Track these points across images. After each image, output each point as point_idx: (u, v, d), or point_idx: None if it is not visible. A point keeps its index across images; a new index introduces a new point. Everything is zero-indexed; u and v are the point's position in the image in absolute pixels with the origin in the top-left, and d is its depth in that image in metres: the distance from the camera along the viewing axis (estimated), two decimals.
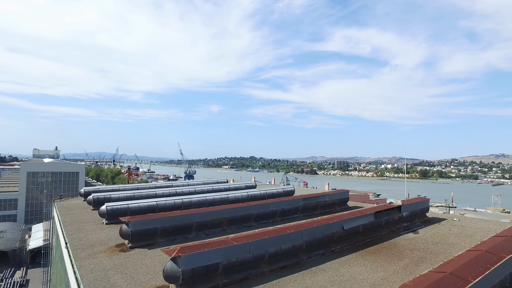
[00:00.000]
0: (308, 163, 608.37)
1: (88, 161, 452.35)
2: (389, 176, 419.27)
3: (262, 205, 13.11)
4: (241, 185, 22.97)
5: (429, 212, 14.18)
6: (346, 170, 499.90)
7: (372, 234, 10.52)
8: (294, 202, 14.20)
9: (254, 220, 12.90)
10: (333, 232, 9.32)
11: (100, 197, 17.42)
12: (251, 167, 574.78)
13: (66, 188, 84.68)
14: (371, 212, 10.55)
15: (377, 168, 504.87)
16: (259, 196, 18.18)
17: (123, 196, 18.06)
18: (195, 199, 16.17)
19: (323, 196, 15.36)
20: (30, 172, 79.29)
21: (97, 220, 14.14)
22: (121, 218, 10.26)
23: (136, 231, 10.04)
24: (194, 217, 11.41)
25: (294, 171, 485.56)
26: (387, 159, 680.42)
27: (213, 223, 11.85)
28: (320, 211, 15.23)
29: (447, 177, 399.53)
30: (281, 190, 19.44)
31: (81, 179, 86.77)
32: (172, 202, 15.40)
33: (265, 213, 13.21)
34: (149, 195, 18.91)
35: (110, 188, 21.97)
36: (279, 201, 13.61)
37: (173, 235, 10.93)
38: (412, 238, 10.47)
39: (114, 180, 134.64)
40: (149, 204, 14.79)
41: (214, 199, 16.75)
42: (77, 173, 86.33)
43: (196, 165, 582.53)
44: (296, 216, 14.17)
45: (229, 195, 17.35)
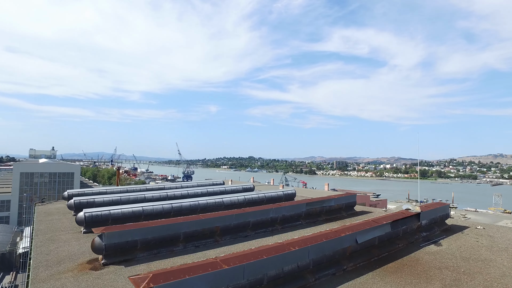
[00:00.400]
0: (307, 163, 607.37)
1: (86, 162, 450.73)
2: (388, 176, 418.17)
3: (260, 211, 11.56)
4: (238, 188, 21.41)
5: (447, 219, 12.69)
6: (345, 170, 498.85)
7: (388, 247, 8.99)
8: (296, 208, 12.66)
9: (251, 228, 11.36)
10: (345, 247, 7.79)
11: (83, 201, 15.84)
12: (250, 167, 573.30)
13: (60, 189, 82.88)
14: (388, 222, 9.02)
15: (376, 168, 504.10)
16: (257, 200, 16.64)
17: (108, 200, 16.50)
18: (186, 204, 14.61)
19: (328, 201, 13.83)
20: (23, 172, 77.52)
21: (76, 228, 12.58)
22: (94, 229, 8.70)
23: (112, 244, 8.49)
24: (182, 227, 9.87)
25: (293, 171, 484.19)
26: (386, 159, 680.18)
27: (204, 233, 10.30)
28: (325, 217, 13.71)
29: (446, 177, 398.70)
30: (281, 193, 17.91)
31: (76, 180, 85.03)
32: (160, 207, 13.85)
33: (263, 220, 11.67)
34: (137, 199, 17.34)
35: (97, 190, 20.39)
36: (279, 207, 12.07)
37: (157, 248, 9.38)
38: (436, 252, 8.95)
39: (111, 181, 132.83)
40: (134, 210, 13.24)
41: (208, 204, 15.20)
42: (72, 174, 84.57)
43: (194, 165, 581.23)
44: (299, 224, 12.64)
45: (224, 199, 15.81)
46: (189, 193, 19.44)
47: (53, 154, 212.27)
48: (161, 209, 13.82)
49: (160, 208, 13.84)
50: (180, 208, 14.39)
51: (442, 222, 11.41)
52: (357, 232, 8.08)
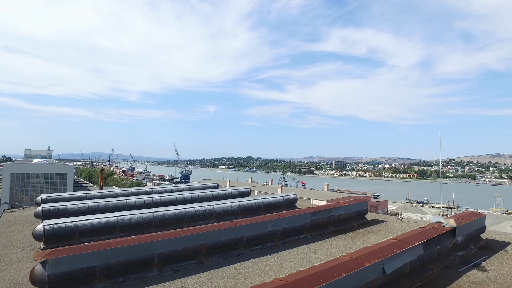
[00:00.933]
0: (306, 163, 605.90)
1: (84, 162, 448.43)
2: (387, 176, 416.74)
3: (256, 224, 9.50)
4: (232, 192, 19.34)
5: None
6: (343, 170, 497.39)
7: (421, 273, 6.95)
8: (300, 219, 10.61)
9: (245, 245, 9.30)
10: (370, 280, 5.74)
11: (53, 208, 13.72)
12: (248, 167, 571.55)
13: (53, 190, 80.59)
14: (420, 242, 6.97)
15: (374, 168, 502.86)
16: (254, 206, 14.58)
17: (84, 207, 14.39)
18: (171, 213, 12.54)
19: (336, 209, 11.78)
20: (14, 173, 75.17)
21: (35, 244, 10.50)
22: (36, 253, 6.59)
23: (58, 274, 6.41)
24: (157, 246, 7.79)
25: (292, 171, 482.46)
26: (384, 159, 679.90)
27: (185, 254, 8.23)
28: (333, 228, 11.66)
29: (445, 177, 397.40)
30: (281, 198, 15.86)
31: (69, 180, 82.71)
32: (138, 217, 11.78)
33: (260, 235, 9.61)
34: (118, 206, 15.25)
35: (76, 195, 18.28)
36: (279, 218, 10.01)
37: (123, 274, 7.30)
38: (483, 281, 6.91)
39: (107, 181, 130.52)
40: (107, 221, 11.16)
41: (196, 212, 13.13)
42: (65, 174, 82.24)
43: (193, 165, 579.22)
44: (303, 237, 10.59)
45: (216, 206, 13.74)
46: (178, 198, 17.34)
47: (49, 154, 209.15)
48: (140, 219, 11.75)
49: (139, 217, 11.76)
50: (163, 217, 12.31)
51: (477, 237, 9.38)
52: (385, 259, 6.02)
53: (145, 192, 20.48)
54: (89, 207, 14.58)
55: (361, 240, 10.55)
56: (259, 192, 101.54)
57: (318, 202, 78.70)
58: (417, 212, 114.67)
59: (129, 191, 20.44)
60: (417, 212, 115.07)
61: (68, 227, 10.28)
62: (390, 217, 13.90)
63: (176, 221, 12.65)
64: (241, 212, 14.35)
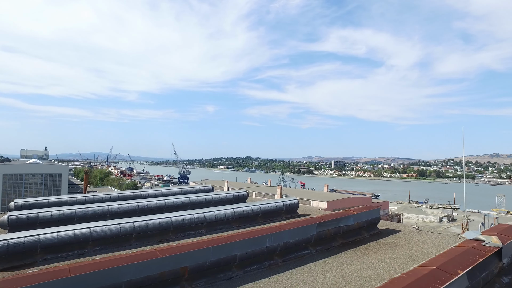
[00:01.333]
0: (305, 163, 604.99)
1: (82, 162, 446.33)
2: (386, 176, 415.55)
3: (252, 240, 7.86)
4: (228, 196, 17.66)
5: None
6: (343, 170, 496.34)
7: None
8: (304, 231, 8.97)
9: (238, 266, 7.66)
10: None
11: (21, 217, 12.05)
12: (247, 167, 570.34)
13: (47, 191, 78.88)
14: (464, 271, 5.33)
15: (374, 168, 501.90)
16: (250, 214, 12.95)
17: (58, 215, 12.72)
18: (154, 222, 10.89)
19: (345, 219, 10.15)
20: (6, 174, 73.37)
21: None
22: None
23: None
24: (125, 272, 6.14)
25: (291, 171, 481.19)
26: (383, 159, 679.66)
27: (163, 279, 6.59)
28: (342, 240, 10.04)
29: (445, 177, 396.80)
30: (281, 203, 14.22)
31: (64, 181, 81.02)
32: (116, 227, 10.12)
33: (257, 252, 7.97)
34: (98, 213, 13.59)
35: (55, 199, 16.59)
36: (279, 232, 8.37)
37: None
38: None
39: (103, 182, 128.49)
40: (78, 233, 9.49)
41: (184, 221, 11.48)
42: (59, 175, 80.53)
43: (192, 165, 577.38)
44: (307, 253, 8.96)
45: (207, 213, 12.09)
46: (167, 203, 15.69)
47: (46, 154, 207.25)
48: (117, 230, 10.10)
49: (117, 228, 10.11)
50: (145, 228, 10.67)
51: None
52: None
53: (132, 196, 18.81)
54: (65, 215, 12.91)
55: (375, 256, 8.92)
56: (258, 193, 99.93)
57: (318, 204, 77.05)
58: (418, 213, 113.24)
59: (116, 195, 18.73)
60: (418, 213, 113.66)
61: (28, 242, 8.62)
62: (404, 226, 12.28)
63: (161, 232, 11.01)
64: (236, 220, 12.72)
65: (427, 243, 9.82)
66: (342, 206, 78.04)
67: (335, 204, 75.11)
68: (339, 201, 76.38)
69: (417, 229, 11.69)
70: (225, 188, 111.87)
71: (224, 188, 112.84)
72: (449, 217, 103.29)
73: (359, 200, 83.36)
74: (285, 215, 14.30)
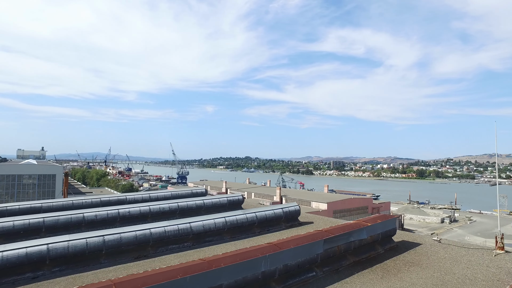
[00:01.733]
0: (304, 163, 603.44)
1: (80, 162, 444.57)
2: (386, 176, 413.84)
3: (242, 264, 6.15)
4: (222, 201, 15.92)
5: None
6: (342, 170, 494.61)
7: None
8: (308, 250, 7.27)
9: None
10: None
11: None
12: (247, 167, 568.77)
13: (41, 192, 77.07)
14: None
15: (373, 168, 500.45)
16: (245, 223, 11.26)
17: (21, 225, 11.00)
18: (130, 235, 9.18)
19: (357, 232, 8.46)
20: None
21: None
22: None
23: None
24: None
25: (290, 171, 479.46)
26: (382, 159, 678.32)
27: None
28: (354, 258, 8.35)
29: (444, 177, 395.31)
30: (280, 210, 12.51)
31: (58, 182, 79.07)
32: (82, 243, 8.40)
33: (249, 280, 6.27)
34: (71, 222, 11.90)
35: (28, 205, 14.84)
36: (278, 252, 6.66)
37: None
38: None
39: (100, 182, 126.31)
40: (31, 251, 7.74)
41: (166, 233, 9.77)
42: (54, 176, 78.62)
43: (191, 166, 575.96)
44: (312, 276, 7.26)
45: (194, 223, 10.38)
46: (152, 210, 13.98)
47: (42, 154, 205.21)
48: (83, 246, 8.37)
49: (82, 244, 8.39)
50: (119, 242, 8.95)
51: None
52: None
53: (116, 201, 17.07)
54: (31, 225, 11.18)
55: (397, 280, 7.23)
56: (256, 193, 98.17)
57: (318, 205, 75.34)
58: (419, 214, 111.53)
59: (98, 199, 16.98)
60: (419, 214, 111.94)
61: None
62: (423, 238, 10.58)
63: (138, 247, 9.30)
64: (229, 231, 11.01)
65: (457, 262, 8.13)
66: (343, 207, 76.39)
67: (336, 205, 73.45)
68: (340, 202, 74.70)
69: (439, 241, 10.00)
70: (223, 189, 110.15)
71: (222, 189, 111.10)
72: (451, 218, 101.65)
73: (360, 201, 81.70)
74: (284, 223, 12.61)
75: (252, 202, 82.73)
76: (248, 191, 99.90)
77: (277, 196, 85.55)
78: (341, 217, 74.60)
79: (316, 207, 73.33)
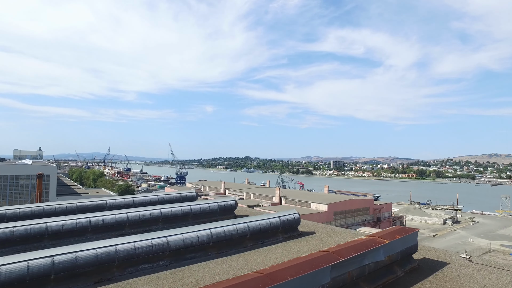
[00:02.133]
0: (304, 163, 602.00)
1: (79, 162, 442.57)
2: (385, 176, 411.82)
3: None
4: (211, 206, 14.10)
5: None
6: (342, 170, 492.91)
7: None
8: (311, 281, 5.47)
9: None
10: None
11: None
12: (246, 167, 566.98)
13: (34, 193, 75.17)
14: None
15: (373, 168, 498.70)
16: (234, 235, 9.46)
17: None
18: (89, 254, 7.37)
19: (373, 253, 6.66)
20: None
21: None
22: None
23: None
24: None
25: (290, 171, 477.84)
26: (382, 159, 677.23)
27: None
28: (368, 286, 6.56)
29: (444, 177, 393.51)
30: (277, 219, 10.71)
31: (52, 183, 77.30)
32: (22, 266, 6.59)
33: None
34: (31, 233, 10.08)
35: (2, 210, 13.06)
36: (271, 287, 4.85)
37: None
38: None
39: (96, 183, 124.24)
40: None
41: (136, 250, 7.94)
42: (47, 176, 76.68)
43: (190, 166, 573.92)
44: None
45: (171, 237, 8.57)
46: (131, 217, 12.17)
47: (40, 154, 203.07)
48: (22, 271, 6.56)
49: (21, 269, 6.57)
50: (73, 263, 7.15)
51: None
52: None
53: (95, 207, 15.23)
54: None
55: None
56: (255, 194, 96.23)
57: (318, 206, 73.47)
58: (421, 215, 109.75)
59: (74, 204, 15.16)
60: (420, 215, 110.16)
61: None
62: (449, 255, 8.77)
63: (99, 268, 7.50)
64: (215, 246, 9.21)
65: None
66: (343, 209, 74.53)
67: (336, 207, 71.63)
68: (340, 203, 72.87)
69: (469, 259, 8.20)
70: (221, 190, 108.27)
71: (220, 190, 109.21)
72: (453, 219, 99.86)
73: (361, 202, 79.87)
74: (282, 234, 10.82)
75: (251, 202, 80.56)
76: (246, 192, 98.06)
77: (276, 197, 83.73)
78: (342, 218, 72.80)
79: (316, 208, 71.53)
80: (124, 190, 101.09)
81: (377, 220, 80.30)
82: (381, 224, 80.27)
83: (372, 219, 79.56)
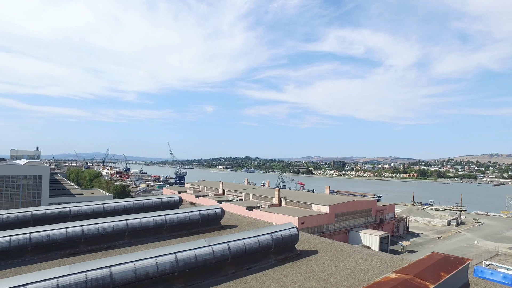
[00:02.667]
0: (304, 163, 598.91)
1: (79, 162, 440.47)
2: (386, 176, 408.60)
3: None
4: (192, 215, 11.65)
5: None
6: (342, 170, 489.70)
7: None
8: None
9: None
10: None
11: None
12: (246, 167, 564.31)
13: (26, 194, 72.87)
14: None
15: (374, 168, 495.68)
16: (209, 260, 7.06)
17: None
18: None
19: None
20: None
21: None
22: None
23: None
24: None
25: (290, 171, 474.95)
26: (383, 159, 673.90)
27: None
28: None
29: (446, 177, 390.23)
30: (268, 237, 8.27)
31: (44, 184, 74.81)
32: None
33: None
34: None
35: None
36: None
37: None
38: None
39: (93, 183, 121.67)
40: None
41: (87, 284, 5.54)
42: (40, 177, 74.33)
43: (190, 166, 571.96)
44: None
45: (117, 268, 6.16)
46: (87, 232, 9.76)
47: (37, 154, 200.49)
48: None
49: None
50: None
51: None
52: None
53: (56, 215, 12.83)
54: None
55: None
56: (254, 195, 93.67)
57: (319, 208, 70.90)
58: (424, 216, 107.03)
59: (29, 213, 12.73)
60: (424, 216, 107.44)
61: None
62: None
63: None
64: (182, 276, 6.78)
65: None
66: (345, 210, 71.97)
67: (338, 208, 69.12)
68: (342, 204, 70.31)
69: None
70: (220, 190, 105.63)
71: (219, 190, 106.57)
72: (457, 220, 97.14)
73: (363, 203, 77.32)
74: (275, 256, 8.40)
75: (250, 203, 77.80)
76: (245, 193, 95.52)
77: (276, 198, 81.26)
78: (344, 220, 70.26)
79: (317, 210, 69.01)
80: (120, 191, 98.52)
81: (380, 221, 77.74)
82: (384, 225, 77.73)
83: (374, 220, 76.96)
